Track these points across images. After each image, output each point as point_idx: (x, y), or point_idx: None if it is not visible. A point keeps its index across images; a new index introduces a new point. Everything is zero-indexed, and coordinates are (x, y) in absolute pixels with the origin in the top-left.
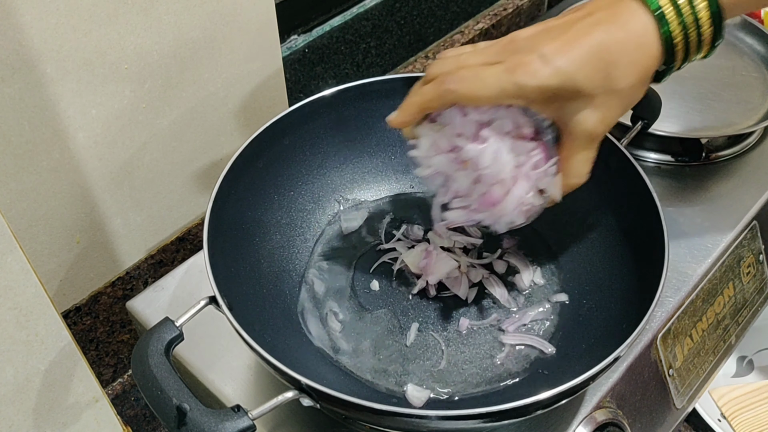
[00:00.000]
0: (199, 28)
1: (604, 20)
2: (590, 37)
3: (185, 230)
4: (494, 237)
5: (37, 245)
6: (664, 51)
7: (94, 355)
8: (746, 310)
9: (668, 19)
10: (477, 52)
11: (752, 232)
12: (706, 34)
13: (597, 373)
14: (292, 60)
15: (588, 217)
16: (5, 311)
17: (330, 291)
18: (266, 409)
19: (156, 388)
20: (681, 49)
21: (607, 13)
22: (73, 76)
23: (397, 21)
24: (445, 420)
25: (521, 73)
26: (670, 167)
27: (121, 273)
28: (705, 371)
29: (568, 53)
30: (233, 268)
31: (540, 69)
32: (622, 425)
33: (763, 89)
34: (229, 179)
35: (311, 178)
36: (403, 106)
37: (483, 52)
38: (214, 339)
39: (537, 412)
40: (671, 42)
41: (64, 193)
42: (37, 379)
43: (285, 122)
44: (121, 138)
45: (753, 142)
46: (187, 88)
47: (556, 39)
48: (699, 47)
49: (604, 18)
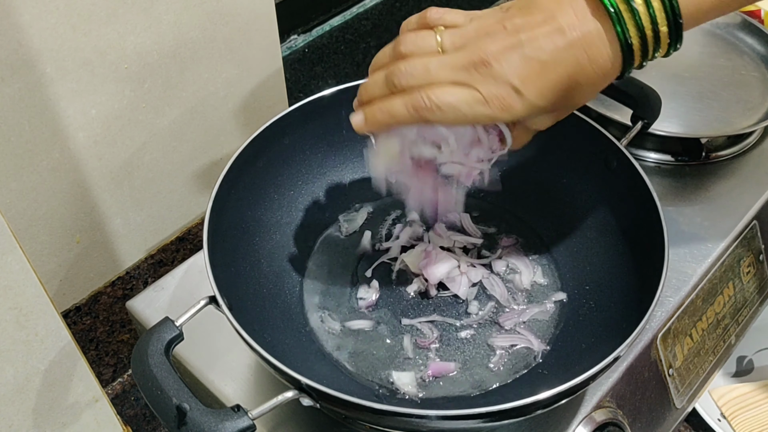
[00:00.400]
0: (199, 28)
1: (577, 46)
2: (562, 67)
3: (185, 230)
4: (493, 237)
5: (37, 245)
6: (622, 68)
7: (94, 355)
8: (746, 309)
9: (634, 50)
10: (446, 61)
11: (752, 231)
12: (664, 44)
13: (597, 373)
14: (292, 60)
15: (588, 217)
16: (5, 311)
17: (330, 291)
18: (266, 408)
19: (156, 388)
20: (638, 56)
21: (580, 36)
22: (72, 75)
23: (397, 21)
24: (445, 420)
25: (496, 108)
26: (670, 167)
27: (121, 273)
28: (705, 371)
29: (540, 86)
30: (233, 268)
31: (514, 104)
32: (621, 425)
33: (763, 89)
34: (229, 179)
35: (311, 178)
36: (369, 115)
37: (452, 62)
38: (214, 339)
39: (537, 411)
40: (631, 60)
41: (64, 193)
42: (37, 379)
43: (285, 122)
44: (121, 138)
45: (753, 142)
46: (187, 88)
47: (528, 62)
48: (656, 53)
49: (577, 43)
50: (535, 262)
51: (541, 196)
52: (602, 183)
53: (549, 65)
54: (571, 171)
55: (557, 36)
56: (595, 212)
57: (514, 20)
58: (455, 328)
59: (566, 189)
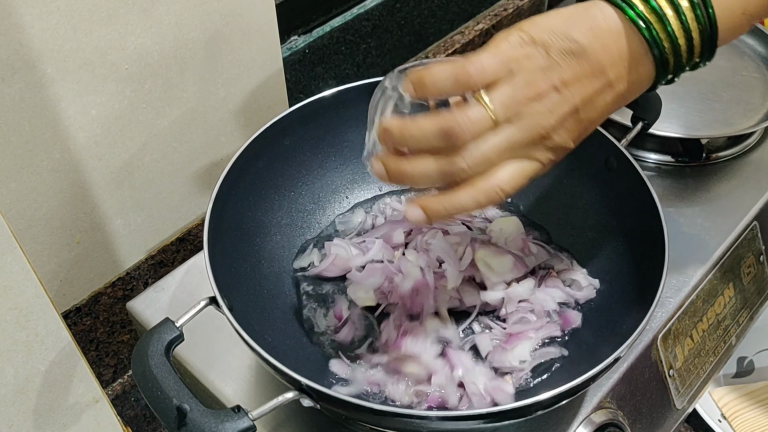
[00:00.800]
0: (199, 28)
1: (622, 96)
2: (606, 115)
3: (185, 231)
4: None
5: (37, 245)
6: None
7: (94, 356)
8: (746, 310)
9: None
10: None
11: (752, 232)
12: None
13: (597, 374)
14: (293, 60)
15: (588, 218)
16: (5, 311)
17: (330, 291)
18: (266, 409)
19: (156, 389)
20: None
21: (626, 87)
22: (73, 76)
23: (397, 21)
24: (445, 420)
25: (549, 167)
26: (670, 168)
27: (122, 273)
28: (705, 372)
29: (582, 136)
30: (233, 268)
31: (562, 156)
32: (622, 426)
33: (763, 89)
34: (230, 179)
35: (311, 178)
36: (432, 212)
37: (511, 142)
38: (214, 339)
39: (537, 412)
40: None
41: (64, 193)
42: (37, 380)
43: (285, 122)
44: (121, 138)
45: (753, 143)
46: (187, 88)
47: (582, 123)
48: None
49: (623, 94)
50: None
51: (541, 197)
52: (602, 184)
53: (598, 121)
54: (571, 172)
55: (608, 92)
56: (595, 213)
57: (563, 76)
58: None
59: (566, 190)
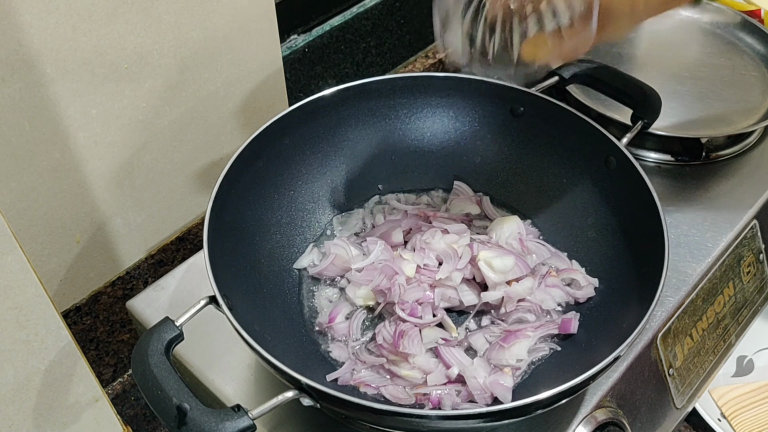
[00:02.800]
0: (199, 27)
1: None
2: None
3: (185, 230)
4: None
5: (37, 245)
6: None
7: (94, 355)
8: (746, 309)
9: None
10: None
11: (752, 231)
12: None
13: (597, 373)
14: (292, 59)
15: (588, 217)
16: (5, 311)
17: (329, 291)
18: (266, 408)
19: (156, 388)
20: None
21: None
22: (73, 75)
23: (397, 21)
24: (445, 420)
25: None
26: (670, 167)
27: (121, 273)
28: (705, 371)
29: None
30: (233, 267)
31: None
32: (622, 425)
33: (763, 89)
34: (230, 179)
35: (311, 178)
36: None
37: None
38: (214, 339)
39: (537, 411)
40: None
41: (64, 193)
42: (37, 379)
43: (285, 122)
44: (121, 138)
45: (753, 142)
46: (187, 88)
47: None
48: None
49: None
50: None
51: (541, 196)
52: (602, 183)
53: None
54: (571, 171)
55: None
56: (595, 212)
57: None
58: (455, 329)
59: (566, 189)
